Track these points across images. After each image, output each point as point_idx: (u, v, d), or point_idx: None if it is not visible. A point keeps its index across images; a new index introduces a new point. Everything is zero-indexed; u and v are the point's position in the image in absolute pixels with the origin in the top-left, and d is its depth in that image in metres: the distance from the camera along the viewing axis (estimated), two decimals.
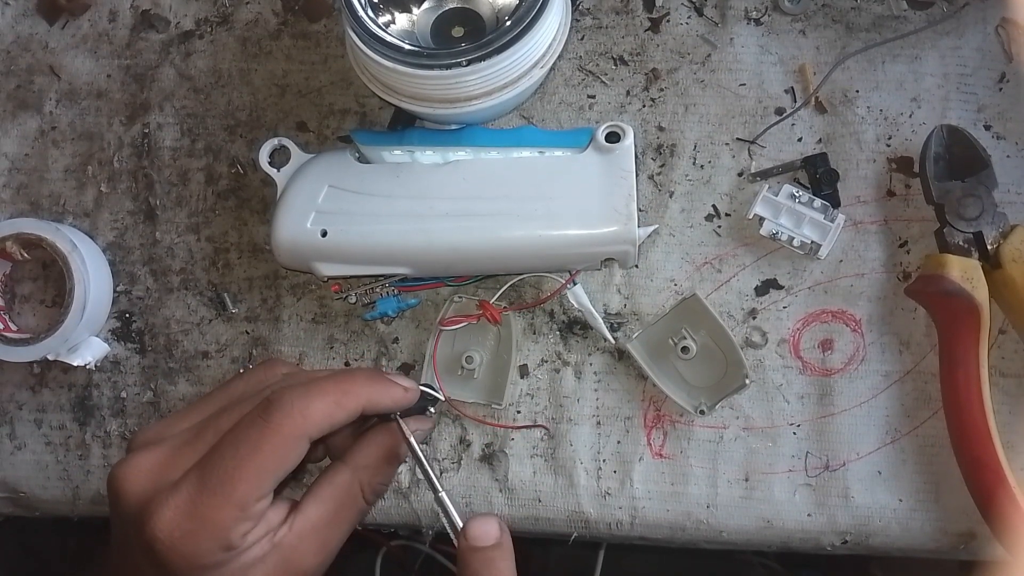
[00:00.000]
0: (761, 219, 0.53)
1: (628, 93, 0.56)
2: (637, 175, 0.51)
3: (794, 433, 0.53)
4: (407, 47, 0.48)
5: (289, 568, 0.44)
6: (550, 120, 0.57)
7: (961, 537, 0.52)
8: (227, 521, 0.41)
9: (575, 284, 0.54)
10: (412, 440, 0.48)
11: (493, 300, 0.53)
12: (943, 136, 0.52)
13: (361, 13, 0.48)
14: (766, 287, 0.54)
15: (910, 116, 0.55)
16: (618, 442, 0.54)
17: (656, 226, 0.54)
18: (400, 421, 0.48)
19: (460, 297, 0.55)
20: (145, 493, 0.42)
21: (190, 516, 0.40)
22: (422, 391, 0.50)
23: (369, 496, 0.48)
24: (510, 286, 0.55)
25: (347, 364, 0.56)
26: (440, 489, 0.47)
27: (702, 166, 0.55)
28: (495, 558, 0.44)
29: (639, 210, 0.51)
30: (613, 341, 0.54)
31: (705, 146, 0.56)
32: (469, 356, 0.54)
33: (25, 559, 0.93)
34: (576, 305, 0.54)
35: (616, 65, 0.57)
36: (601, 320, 0.54)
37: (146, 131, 0.59)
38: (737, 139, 0.55)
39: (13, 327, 0.58)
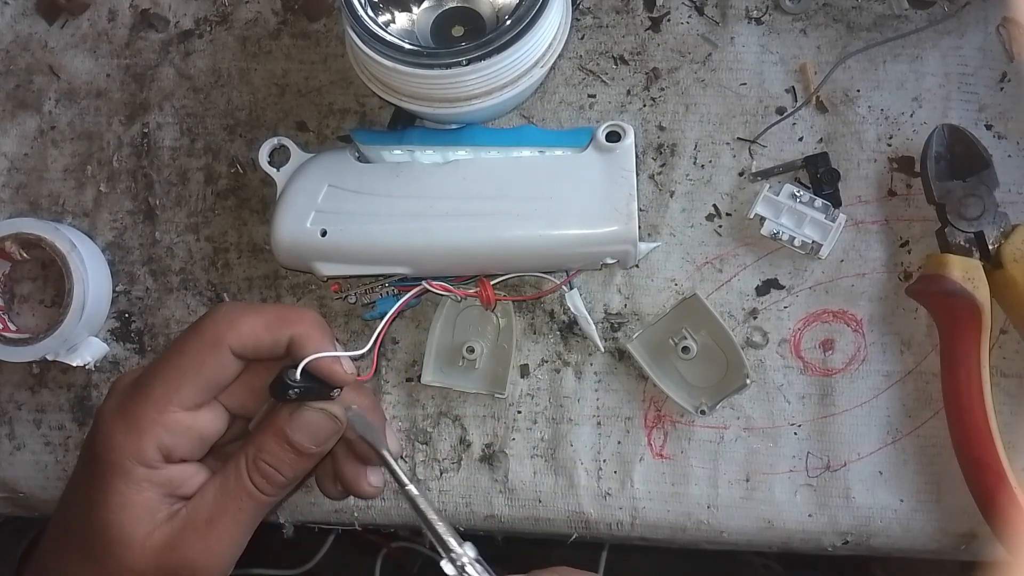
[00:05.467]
0: (762, 219, 0.53)
1: (628, 92, 0.56)
2: (638, 175, 0.51)
3: (795, 433, 0.53)
4: (407, 46, 0.48)
5: (175, 553, 0.42)
6: (550, 119, 0.57)
7: (962, 537, 0.52)
8: (144, 421, 0.42)
9: (572, 288, 0.54)
10: (387, 453, 0.45)
11: (493, 284, 0.53)
12: (944, 136, 0.52)
13: (361, 12, 0.48)
14: (767, 287, 0.54)
15: (911, 115, 0.55)
16: (618, 442, 0.54)
17: (658, 244, 0.54)
18: (355, 410, 0.46)
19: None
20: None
21: (118, 410, 0.43)
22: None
23: (256, 478, 0.44)
24: (509, 280, 0.54)
25: None
26: (408, 482, 0.44)
27: (703, 166, 0.55)
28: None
29: (640, 210, 0.51)
30: (602, 349, 0.54)
31: (706, 145, 0.55)
32: (470, 347, 0.54)
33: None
34: (573, 309, 0.54)
35: (616, 64, 0.57)
36: (594, 328, 0.54)
37: (145, 131, 0.59)
38: (738, 138, 0.55)
39: (12, 327, 0.58)
